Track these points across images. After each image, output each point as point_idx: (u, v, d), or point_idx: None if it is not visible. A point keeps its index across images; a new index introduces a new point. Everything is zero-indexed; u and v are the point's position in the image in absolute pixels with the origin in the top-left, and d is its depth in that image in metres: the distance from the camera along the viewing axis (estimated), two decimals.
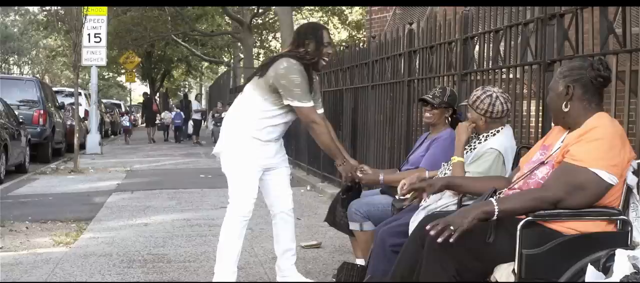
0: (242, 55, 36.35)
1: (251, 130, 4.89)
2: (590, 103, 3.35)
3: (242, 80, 35.49)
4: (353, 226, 4.97)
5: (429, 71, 6.92)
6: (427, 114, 5.03)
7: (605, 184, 3.14)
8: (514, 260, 3.11)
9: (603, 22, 4.22)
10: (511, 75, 5.38)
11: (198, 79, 53.72)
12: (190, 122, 28.30)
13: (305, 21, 37.77)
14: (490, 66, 5.67)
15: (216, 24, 35.99)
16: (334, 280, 5.07)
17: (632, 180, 3.22)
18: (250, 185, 4.93)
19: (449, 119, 5.03)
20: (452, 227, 3.10)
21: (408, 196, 4.28)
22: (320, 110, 5.08)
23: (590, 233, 3.14)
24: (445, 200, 4.02)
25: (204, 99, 34.20)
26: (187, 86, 64.86)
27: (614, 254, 2.67)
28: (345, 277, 4.82)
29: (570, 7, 4.55)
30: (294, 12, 26.36)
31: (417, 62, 7.34)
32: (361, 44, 10.52)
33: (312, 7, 36.30)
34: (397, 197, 4.55)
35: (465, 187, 3.81)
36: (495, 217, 3.16)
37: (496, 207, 3.16)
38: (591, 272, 2.46)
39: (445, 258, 3.22)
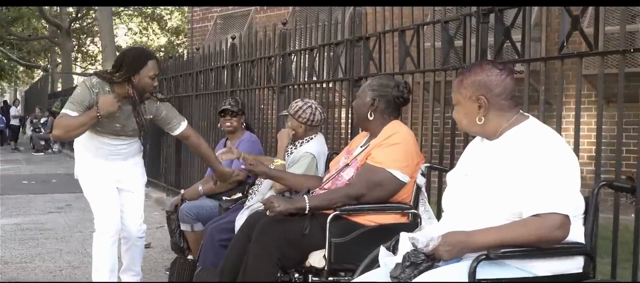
0: (60, 60, 35.41)
1: (86, 148, 4.86)
2: (389, 115, 4.01)
3: (59, 86, 34.60)
4: (184, 227, 5.42)
5: (250, 83, 7.47)
6: (228, 123, 5.73)
7: (399, 182, 3.79)
8: (325, 248, 3.69)
9: (401, 46, 4.93)
10: (324, 86, 6.03)
11: (12, 84, 51.47)
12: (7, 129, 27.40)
13: (123, 26, 37.29)
14: (306, 80, 6.28)
15: (32, 28, 34.84)
16: (167, 273, 5.51)
17: (420, 180, 3.89)
18: (102, 197, 4.82)
19: (244, 124, 5.79)
20: (276, 205, 3.69)
21: (236, 196, 4.96)
22: (179, 130, 4.97)
23: (387, 224, 3.76)
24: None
25: (20, 105, 32.91)
26: (0, 91, 61.76)
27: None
28: (177, 271, 5.27)
29: (375, 32, 5.23)
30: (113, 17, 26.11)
31: (240, 74, 7.86)
32: (184, 53, 10.89)
33: (131, 12, 35.92)
34: (224, 198, 5.16)
35: (285, 180, 4.38)
36: (307, 212, 3.73)
37: (307, 204, 3.74)
38: (382, 251, 3.04)
39: (270, 247, 3.74)
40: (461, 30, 4.34)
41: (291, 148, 4.90)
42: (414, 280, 2.66)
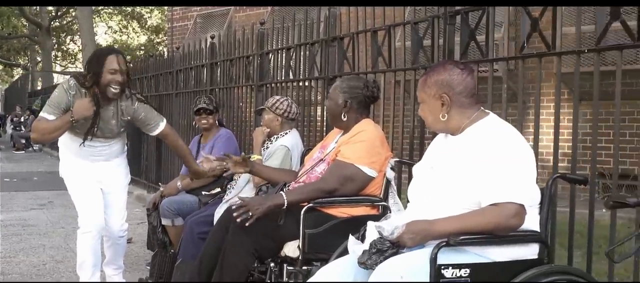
0: (40, 59, 35.32)
1: (67, 148, 4.99)
2: (361, 114, 4.22)
3: (39, 84, 34.51)
4: (165, 221, 5.58)
5: (229, 81, 7.65)
6: (204, 121, 5.93)
7: (368, 177, 3.99)
8: (299, 239, 3.88)
9: (374, 46, 5.12)
10: (301, 84, 6.22)
11: None
12: None
13: (103, 25, 37.25)
14: (283, 79, 6.46)
15: (12, 26, 34.74)
16: (148, 267, 5.67)
17: (390, 174, 4.09)
18: (85, 196, 4.94)
19: (218, 121, 6.00)
20: (250, 212, 3.82)
21: (215, 191, 5.13)
22: (158, 130, 5.02)
23: (358, 215, 3.95)
24: (245, 194, 4.77)
25: (0, 103, 32.93)
26: None
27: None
28: (158, 263, 5.44)
29: (349, 32, 5.42)
30: (92, 15, 26.13)
31: (219, 72, 8.04)
32: (164, 51, 11.03)
33: (111, 11, 35.92)
34: (204, 193, 5.34)
35: (264, 173, 4.55)
36: (284, 206, 3.92)
37: (285, 200, 3.92)
38: (351, 240, 3.23)
39: (246, 239, 3.92)
40: (430, 31, 4.55)
41: (267, 143, 5.09)
42: (379, 266, 2.85)
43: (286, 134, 5.07)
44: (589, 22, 4.93)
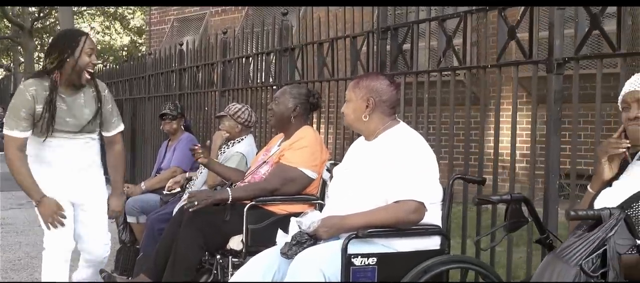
0: (22, 59, 35.47)
1: (35, 159, 4.30)
2: (305, 119, 4.69)
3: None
4: (131, 219, 6.02)
5: (196, 87, 8.09)
6: (167, 126, 6.44)
7: (309, 179, 4.45)
8: (243, 233, 4.32)
9: (319, 57, 5.58)
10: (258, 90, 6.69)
11: None
12: None
13: (86, 26, 37.37)
14: (243, 85, 6.92)
15: None
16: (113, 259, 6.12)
17: (326, 175, 4.54)
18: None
19: (183, 125, 6.49)
20: (196, 202, 4.29)
21: (176, 189, 5.58)
22: (116, 131, 4.59)
23: (295, 212, 4.33)
24: None
25: None
26: None
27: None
28: (123, 257, 5.88)
29: (299, 43, 5.88)
30: (74, 16, 26.37)
31: (187, 78, 8.48)
32: (144, 54, 11.43)
33: (93, 12, 36.14)
34: (164, 192, 5.79)
35: (216, 169, 5.05)
36: (229, 201, 4.37)
37: (230, 195, 4.37)
38: (279, 233, 3.65)
39: (196, 232, 4.36)
40: (366, 44, 5.02)
41: (224, 147, 5.55)
42: (298, 255, 3.31)
43: (242, 139, 5.52)
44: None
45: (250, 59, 6.75)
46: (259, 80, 6.62)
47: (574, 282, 2.24)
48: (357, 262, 3.23)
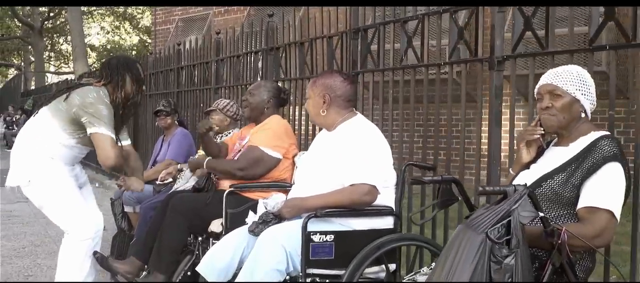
0: (33, 59, 35.98)
1: (48, 153, 4.53)
2: (275, 111, 5.13)
3: (33, 84, 35.20)
4: (128, 209, 6.43)
5: (192, 84, 8.52)
6: (162, 122, 6.85)
7: (272, 159, 4.83)
8: (222, 217, 4.71)
9: (301, 56, 5.98)
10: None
11: None
12: None
13: (96, 25, 37.81)
14: (234, 83, 7.33)
15: (5, 27, 35.49)
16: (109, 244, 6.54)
17: (299, 163, 4.95)
18: (79, 201, 4.60)
19: (177, 121, 6.88)
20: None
21: (168, 180, 6.01)
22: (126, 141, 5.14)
23: None
24: (190, 184, 5.63)
25: None
26: None
27: None
28: (118, 242, 6.30)
29: (283, 43, 6.29)
30: (84, 16, 26.77)
31: (184, 76, 8.91)
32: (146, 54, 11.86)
33: (103, 12, 36.61)
34: (157, 182, 6.20)
35: (208, 145, 5.38)
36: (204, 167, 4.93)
37: (205, 164, 4.97)
38: (250, 214, 4.04)
39: (180, 218, 4.77)
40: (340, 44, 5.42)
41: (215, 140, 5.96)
42: (263, 232, 3.71)
43: (230, 133, 5.93)
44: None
45: (241, 57, 7.15)
46: (249, 78, 7.03)
47: (480, 246, 2.62)
48: (315, 238, 3.62)
